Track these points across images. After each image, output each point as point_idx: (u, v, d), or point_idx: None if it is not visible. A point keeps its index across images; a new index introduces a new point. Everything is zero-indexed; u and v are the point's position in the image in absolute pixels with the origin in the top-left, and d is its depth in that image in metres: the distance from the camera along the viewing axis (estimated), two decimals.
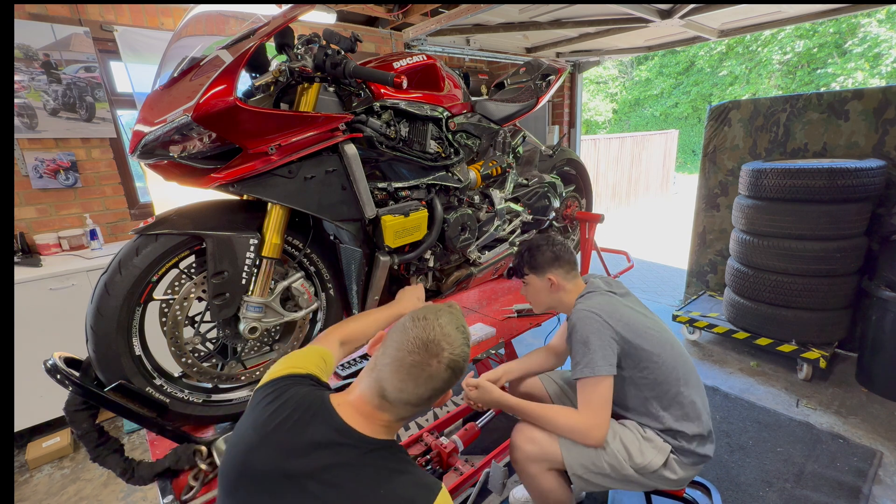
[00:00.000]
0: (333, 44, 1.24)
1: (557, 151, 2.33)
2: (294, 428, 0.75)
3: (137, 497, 2.09)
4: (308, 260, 1.37)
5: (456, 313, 0.85)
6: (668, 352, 1.37)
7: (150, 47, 2.89)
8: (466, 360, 0.81)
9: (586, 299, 1.42)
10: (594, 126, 17.20)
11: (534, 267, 1.50)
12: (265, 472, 0.71)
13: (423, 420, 2.50)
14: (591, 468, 1.34)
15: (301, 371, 0.89)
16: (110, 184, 2.96)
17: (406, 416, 0.80)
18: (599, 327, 1.31)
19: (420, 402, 0.78)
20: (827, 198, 2.53)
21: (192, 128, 1.03)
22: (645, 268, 5.28)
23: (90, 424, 1.04)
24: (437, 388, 0.78)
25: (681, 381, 1.37)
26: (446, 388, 0.80)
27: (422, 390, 0.77)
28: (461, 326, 0.83)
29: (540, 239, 1.54)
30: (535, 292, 1.54)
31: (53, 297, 2.34)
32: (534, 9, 3.70)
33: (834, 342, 2.79)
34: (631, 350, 1.33)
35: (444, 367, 0.77)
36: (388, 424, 0.79)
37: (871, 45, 11.12)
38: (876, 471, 2.01)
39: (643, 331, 1.35)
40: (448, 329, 0.80)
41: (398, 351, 0.78)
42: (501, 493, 1.89)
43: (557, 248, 1.50)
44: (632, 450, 1.34)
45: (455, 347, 0.79)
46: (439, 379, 0.77)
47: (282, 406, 0.78)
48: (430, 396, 0.78)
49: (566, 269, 1.49)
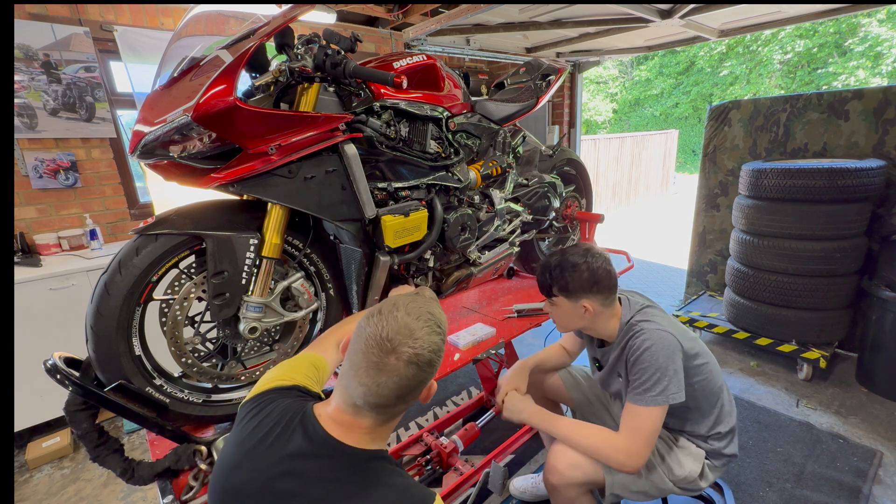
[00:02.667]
0: (333, 44, 1.24)
1: (557, 151, 2.33)
2: (275, 443, 0.73)
3: (137, 497, 2.09)
4: (308, 260, 1.36)
5: (422, 301, 0.77)
6: (711, 356, 1.36)
7: (150, 47, 2.89)
8: (436, 350, 0.73)
9: (647, 315, 1.28)
10: (594, 126, 17.19)
11: (565, 289, 1.26)
12: (249, 490, 0.70)
13: (423, 420, 2.50)
14: (630, 487, 1.30)
15: (286, 383, 0.86)
16: (110, 184, 2.96)
17: (386, 419, 0.75)
18: (675, 350, 1.20)
19: (390, 404, 0.72)
20: (827, 198, 2.53)
21: (192, 128, 1.03)
22: (645, 268, 5.28)
23: (90, 424, 1.04)
24: (404, 386, 0.70)
25: (721, 381, 1.37)
26: (417, 385, 0.73)
27: (386, 391, 0.70)
28: (426, 315, 0.74)
29: (575, 253, 1.28)
30: (564, 315, 1.33)
31: (53, 297, 2.34)
32: (534, 9, 3.70)
33: (834, 342, 2.79)
34: (691, 363, 1.27)
35: (405, 364, 0.69)
36: (371, 431, 0.74)
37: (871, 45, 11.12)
38: (876, 471, 2.01)
39: (694, 340, 1.31)
40: (406, 321, 0.72)
41: (355, 353, 0.72)
42: (501, 493, 1.89)
43: (597, 266, 1.25)
44: (672, 464, 1.33)
45: (416, 340, 0.70)
46: (403, 377, 0.70)
47: (263, 421, 0.76)
48: (400, 396, 0.71)
49: (605, 294, 1.26)
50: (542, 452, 2.17)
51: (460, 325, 1.83)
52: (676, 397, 1.18)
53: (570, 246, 1.36)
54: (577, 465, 1.28)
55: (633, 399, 1.21)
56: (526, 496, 1.86)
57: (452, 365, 1.52)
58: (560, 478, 1.29)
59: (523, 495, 1.87)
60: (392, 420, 0.77)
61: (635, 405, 1.20)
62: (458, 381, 2.89)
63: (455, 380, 2.90)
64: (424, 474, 1.97)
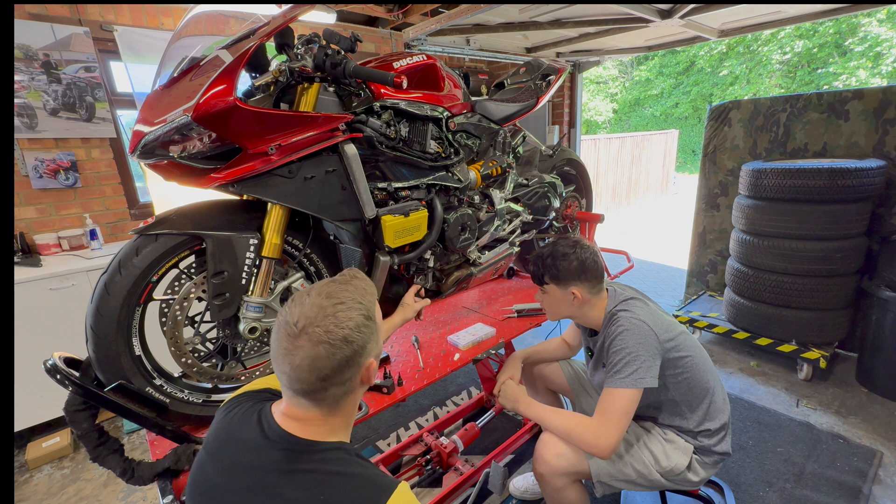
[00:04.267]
0: (333, 44, 1.24)
1: (557, 151, 2.33)
2: (236, 443, 0.75)
3: (137, 497, 2.09)
4: (308, 260, 1.37)
5: (339, 285, 0.75)
6: (697, 351, 1.37)
7: (150, 47, 2.89)
8: (353, 327, 0.70)
9: (628, 305, 1.33)
10: (594, 126, 17.20)
11: (556, 277, 1.34)
12: (214, 491, 0.72)
13: (423, 420, 2.51)
14: (617, 476, 1.32)
15: (258, 387, 0.88)
16: (110, 184, 2.96)
17: (328, 407, 0.73)
18: (648, 337, 1.24)
19: (315, 388, 0.69)
20: (827, 198, 2.53)
21: (192, 128, 1.03)
22: (645, 268, 5.28)
23: (90, 424, 1.04)
24: (320, 366, 0.68)
25: (709, 377, 1.38)
26: (339, 365, 0.69)
27: (303, 374, 0.68)
28: (341, 295, 0.72)
29: (566, 244, 1.36)
30: (554, 303, 1.40)
31: (53, 297, 2.34)
32: (534, 9, 3.70)
33: (834, 342, 2.79)
34: (670, 356, 1.30)
35: (314, 343, 0.67)
36: (323, 423, 0.73)
37: (871, 45, 11.12)
38: (876, 471, 2.01)
39: (678, 335, 1.34)
40: (314, 301, 0.70)
41: (274, 343, 0.71)
42: (501, 493, 1.89)
43: (585, 257, 1.33)
44: (657, 453, 1.34)
45: (326, 318, 0.69)
46: (315, 357, 0.67)
47: (227, 424, 0.78)
48: (322, 377, 0.68)
49: (592, 283, 1.34)
50: None
51: (460, 325, 1.83)
52: (646, 382, 1.21)
53: (560, 237, 1.42)
54: (561, 454, 1.32)
55: (606, 383, 1.26)
56: (526, 496, 1.87)
57: (452, 365, 1.52)
58: (546, 466, 1.34)
59: (524, 495, 1.87)
60: (336, 408, 0.74)
61: (607, 388, 1.25)
62: (458, 381, 2.89)
63: (455, 380, 2.90)
64: (424, 474, 1.97)
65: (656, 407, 1.40)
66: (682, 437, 1.39)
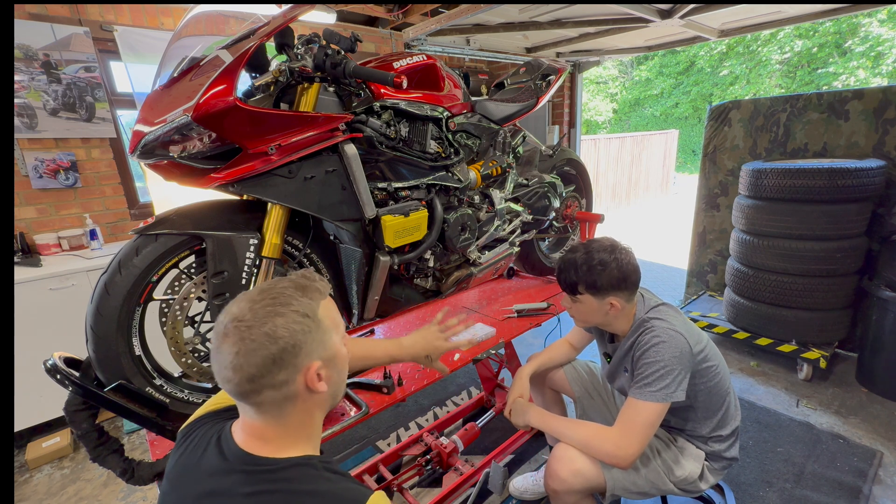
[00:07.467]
0: (333, 44, 1.24)
1: (557, 151, 2.33)
2: (195, 469, 0.70)
3: (137, 497, 2.09)
4: (308, 260, 1.37)
5: (282, 281, 0.72)
6: (720, 358, 1.36)
7: (150, 47, 2.89)
8: (277, 323, 0.65)
9: (660, 313, 1.27)
10: (594, 126, 17.20)
11: (593, 287, 1.24)
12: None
13: (423, 420, 2.51)
14: (630, 488, 1.30)
15: (220, 406, 0.83)
16: (110, 184, 2.96)
17: (274, 414, 0.68)
18: (683, 351, 1.19)
19: (248, 390, 0.65)
20: (827, 198, 2.53)
21: (192, 128, 1.03)
22: (645, 268, 5.28)
23: (90, 424, 1.04)
24: (244, 364, 0.63)
25: (728, 384, 1.37)
26: (262, 363, 0.63)
27: (231, 373, 0.63)
28: (268, 289, 0.68)
29: (602, 249, 1.25)
30: (587, 312, 1.31)
31: (53, 297, 2.34)
32: (534, 9, 3.70)
33: (834, 342, 2.79)
34: (699, 367, 1.27)
35: (236, 341, 0.63)
36: (281, 436, 0.69)
37: (872, 45, 11.12)
38: (876, 471, 2.01)
39: (706, 344, 1.31)
40: (249, 296, 0.67)
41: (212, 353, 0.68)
42: (501, 493, 1.89)
43: (626, 263, 1.23)
44: (670, 463, 1.33)
45: (248, 314, 0.65)
46: (238, 353, 0.63)
47: (186, 450, 0.74)
48: (250, 378, 0.63)
49: (631, 291, 1.26)
50: (542, 451, 2.18)
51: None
52: (676, 396, 1.18)
53: (593, 241, 1.31)
54: (578, 471, 1.26)
55: (633, 393, 1.22)
56: (526, 496, 1.86)
57: (452, 365, 1.52)
58: (562, 484, 1.29)
59: (523, 495, 1.87)
60: (281, 416, 0.68)
61: (634, 398, 1.21)
62: (458, 381, 2.89)
63: (455, 380, 2.90)
64: (424, 474, 1.97)
65: (671, 412, 1.35)
66: (693, 442, 1.37)
